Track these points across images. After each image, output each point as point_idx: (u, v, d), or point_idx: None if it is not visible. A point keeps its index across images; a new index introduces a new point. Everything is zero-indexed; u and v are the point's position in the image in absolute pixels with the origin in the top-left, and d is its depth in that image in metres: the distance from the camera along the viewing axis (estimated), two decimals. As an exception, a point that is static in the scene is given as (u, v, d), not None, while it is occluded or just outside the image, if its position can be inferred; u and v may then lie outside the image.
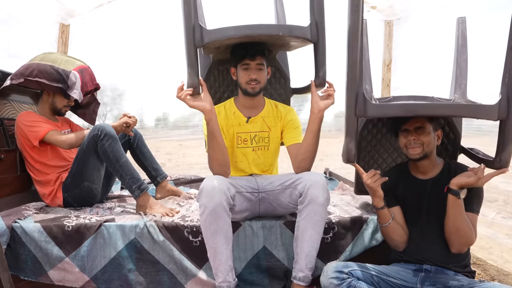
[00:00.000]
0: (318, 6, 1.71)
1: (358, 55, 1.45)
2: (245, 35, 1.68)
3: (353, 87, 1.48)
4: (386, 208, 1.61)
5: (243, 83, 1.85)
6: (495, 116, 1.46)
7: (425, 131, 1.56)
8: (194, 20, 1.62)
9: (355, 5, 1.41)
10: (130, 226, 1.81)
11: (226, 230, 1.62)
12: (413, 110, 1.49)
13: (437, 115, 1.56)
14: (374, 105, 1.50)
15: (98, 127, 2.07)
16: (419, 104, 1.51)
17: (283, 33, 1.71)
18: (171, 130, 4.20)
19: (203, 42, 1.65)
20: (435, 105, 1.52)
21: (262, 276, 1.84)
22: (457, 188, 1.46)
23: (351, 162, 1.63)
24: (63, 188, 2.15)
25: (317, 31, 1.72)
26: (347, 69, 1.48)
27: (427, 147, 1.56)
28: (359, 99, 1.48)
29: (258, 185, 1.84)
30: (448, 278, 1.47)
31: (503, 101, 1.45)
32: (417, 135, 1.56)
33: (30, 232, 1.78)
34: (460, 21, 1.86)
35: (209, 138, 1.74)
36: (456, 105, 1.59)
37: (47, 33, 3.35)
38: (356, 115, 1.51)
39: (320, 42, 1.74)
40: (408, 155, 1.60)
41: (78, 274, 1.78)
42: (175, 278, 1.79)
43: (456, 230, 1.48)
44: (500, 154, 1.49)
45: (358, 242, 1.84)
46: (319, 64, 1.77)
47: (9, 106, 2.48)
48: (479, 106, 1.53)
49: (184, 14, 1.60)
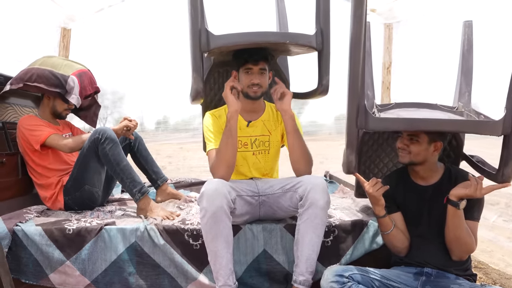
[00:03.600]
0: (324, 14, 1.71)
1: (360, 67, 1.44)
2: (252, 42, 1.69)
3: (354, 99, 1.47)
4: (387, 216, 1.61)
5: (245, 87, 1.85)
6: (499, 131, 1.44)
7: (417, 141, 1.54)
8: (201, 25, 1.62)
9: (358, 15, 1.40)
10: (131, 230, 1.81)
11: (227, 234, 1.62)
12: (415, 125, 1.47)
13: (439, 131, 1.54)
14: (376, 118, 1.49)
15: (99, 130, 2.08)
16: (421, 119, 1.48)
17: (290, 41, 1.72)
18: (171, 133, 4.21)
19: (209, 48, 1.65)
20: (438, 121, 1.49)
21: (262, 280, 1.84)
22: (456, 199, 1.45)
23: (351, 173, 1.64)
24: (64, 192, 2.15)
25: (322, 39, 1.72)
26: (348, 81, 1.47)
27: (415, 157, 1.56)
28: (360, 111, 1.47)
29: (259, 189, 1.85)
30: (449, 282, 1.47)
31: (507, 116, 1.43)
32: (408, 142, 1.56)
33: (31, 236, 1.78)
34: (467, 24, 1.83)
35: (225, 136, 1.74)
36: (460, 121, 1.56)
37: (49, 38, 3.37)
38: (357, 127, 1.50)
39: (324, 50, 1.74)
40: (399, 158, 1.62)
41: (79, 277, 1.78)
42: (175, 281, 1.79)
43: (457, 239, 1.48)
44: (503, 168, 1.48)
45: (358, 246, 1.84)
46: (323, 72, 1.77)
47: (10, 110, 2.49)
48: (482, 122, 1.51)
49: (191, 18, 1.60)
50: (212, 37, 1.64)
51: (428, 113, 1.69)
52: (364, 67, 1.49)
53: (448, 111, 1.74)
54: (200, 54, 1.66)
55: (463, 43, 1.83)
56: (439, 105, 1.78)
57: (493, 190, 1.43)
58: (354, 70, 1.45)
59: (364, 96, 1.51)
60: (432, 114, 1.66)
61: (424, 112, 1.71)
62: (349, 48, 1.45)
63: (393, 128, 1.54)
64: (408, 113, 1.71)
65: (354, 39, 1.43)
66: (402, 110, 1.75)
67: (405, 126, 1.50)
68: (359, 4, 1.40)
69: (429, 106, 1.79)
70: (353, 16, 1.42)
